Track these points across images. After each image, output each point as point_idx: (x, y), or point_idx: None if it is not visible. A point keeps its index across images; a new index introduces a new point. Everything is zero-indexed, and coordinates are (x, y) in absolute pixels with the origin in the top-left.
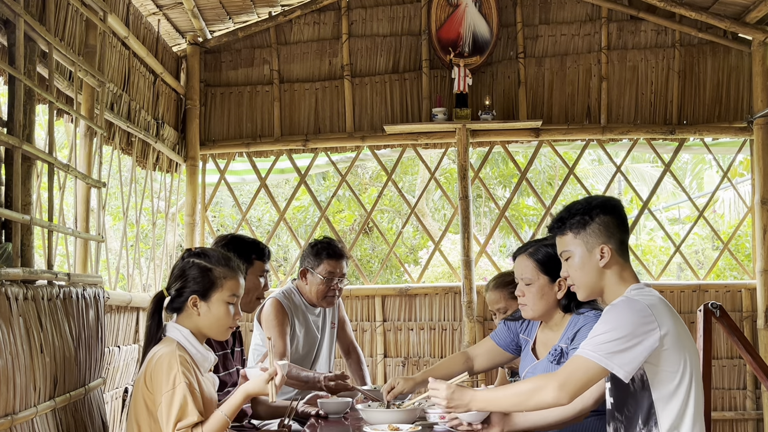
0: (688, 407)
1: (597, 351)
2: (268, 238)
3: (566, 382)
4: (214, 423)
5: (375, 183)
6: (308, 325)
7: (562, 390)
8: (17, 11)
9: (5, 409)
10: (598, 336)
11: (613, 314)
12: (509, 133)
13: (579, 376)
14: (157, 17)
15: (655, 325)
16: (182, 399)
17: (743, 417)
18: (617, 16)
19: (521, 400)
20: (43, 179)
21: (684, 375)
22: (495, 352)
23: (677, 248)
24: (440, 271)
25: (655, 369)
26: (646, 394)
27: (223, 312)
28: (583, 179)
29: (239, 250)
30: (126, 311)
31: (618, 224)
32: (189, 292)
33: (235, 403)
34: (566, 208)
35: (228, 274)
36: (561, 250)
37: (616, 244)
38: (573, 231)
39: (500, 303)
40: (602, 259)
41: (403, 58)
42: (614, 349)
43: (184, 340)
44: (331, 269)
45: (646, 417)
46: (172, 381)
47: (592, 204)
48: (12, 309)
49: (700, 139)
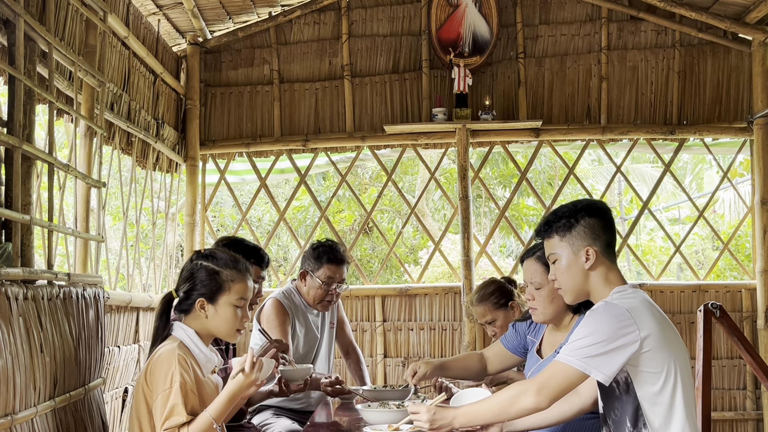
0: (675, 406)
1: (574, 356)
2: (268, 238)
3: (544, 386)
4: (199, 424)
5: (375, 183)
6: (308, 325)
7: (540, 395)
8: (17, 11)
9: (5, 409)
10: (576, 341)
11: (592, 319)
12: (509, 133)
13: (557, 381)
14: (157, 17)
15: (634, 328)
16: (175, 398)
17: (743, 417)
18: (617, 16)
19: (503, 408)
20: (43, 179)
21: (669, 375)
22: (504, 355)
23: (677, 248)
24: (440, 271)
25: (638, 371)
26: (632, 397)
27: (231, 315)
28: (583, 179)
29: (238, 253)
30: (126, 311)
31: (603, 227)
32: (197, 295)
33: (221, 404)
34: (553, 211)
35: (236, 277)
36: (548, 253)
37: (601, 247)
38: (559, 234)
39: (487, 316)
40: (587, 261)
41: (403, 58)
42: (592, 353)
43: (188, 340)
44: (330, 274)
45: (634, 419)
46: (169, 380)
47: (577, 207)
48: (12, 309)
49: (700, 140)
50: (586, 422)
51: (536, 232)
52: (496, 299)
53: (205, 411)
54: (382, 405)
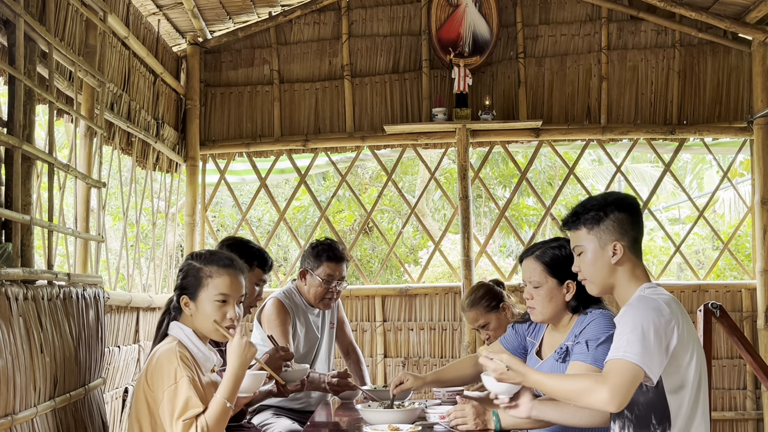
0: (698, 406)
1: (630, 352)
2: (268, 238)
3: (616, 388)
4: (214, 409)
5: (375, 183)
6: (309, 325)
7: (613, 399)
8: (17, 11)
9: (5, 409)
10: (625, 336)
11: (634, 314)
12: (509, 133)
13: (626, 380)
14: (157, 17)
15: (674, 324)
16: (187, 391)
17: (743, 417)
18: (617, 16)
19: (572, 396)
20: (43, 179)
21: (695, 373)
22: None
23: (677, 248)
24: (440, 271)
25: (669, 368)
26: (660, 394)
27: (210, 311)
28: (583, 179)
29: (242, 254)
30: (126, 311)
31: (632, 222)
32: (182, 293)
33: (229, 385)
34: (581, 203)
35: (215, 273)
36: (574, 245)
37: (629, 242)
38: (587, 226)
39: (479, 320)
40: (614, 256)
41: (403, 58)
42: (648, 350)
43: (186, 338)
44: (330, 272)
45: (660, 416)
46: (173, 376)
47: (608, 200)
48: (12, 309)
49: (700, 139)
50: None
51: (564, 223)
52: (486, 302)
53: (216, 394)
54: (382, 405)
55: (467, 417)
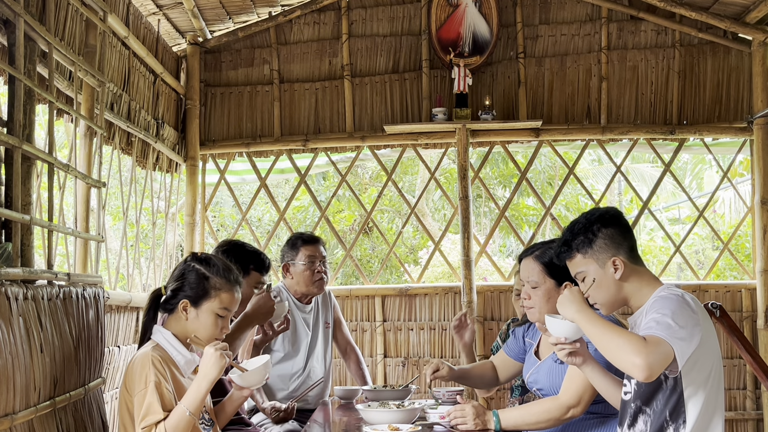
0: (717, 405)
1: (665, 331)
2: (268, 238)
3: (651, 358)
4: (175, 418)
5: (375, 183)
6: (295, 324)
7: (644, 367)
8: (17, 11)
9: (5, 409)
10: (662, 318)
11: (667, 303)
12: (509, 133)
13: (660, 355)
14: (157, 17)
15: (699, 321)
16: (150, 397)
17: (743, 417)
18: (617, 16)
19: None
20: (43, 179)
21: (711, 373)
22: (508, 363)
23: (677, 248)
24: (440, 271)
25: (690, 364)
26: (678, 392)
27: (210, 322)
28: (583, 179)
29: (238, 258)
30: (126, 311)
31: (622, 233)
32: (182, 296)
33: (197, 394)
34: (567, 230)
35: (224, 286)
36: (574, 273)
37: (626, 253)
38: (581, 251)
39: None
40: (617, 272)
41: (403, 58)
42: (678, 335)
43: (166, 342)
44: (310, 253)
45: (675, 414)
46: (143, 380)
47: (591, 220)
48: (12, 309)
49: (700, 139)
50: (586, 422)
51: (557, 256)
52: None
53: (179, 403)
54: (382, 405)
55: (467, 417)
